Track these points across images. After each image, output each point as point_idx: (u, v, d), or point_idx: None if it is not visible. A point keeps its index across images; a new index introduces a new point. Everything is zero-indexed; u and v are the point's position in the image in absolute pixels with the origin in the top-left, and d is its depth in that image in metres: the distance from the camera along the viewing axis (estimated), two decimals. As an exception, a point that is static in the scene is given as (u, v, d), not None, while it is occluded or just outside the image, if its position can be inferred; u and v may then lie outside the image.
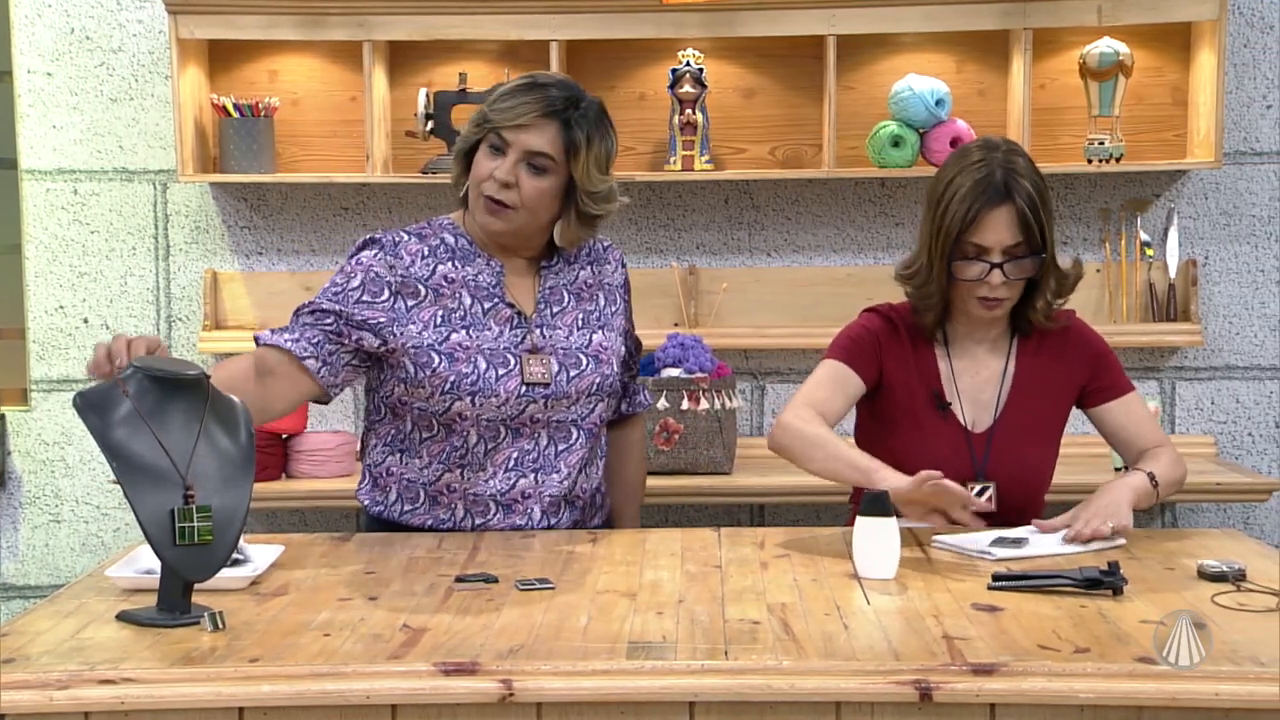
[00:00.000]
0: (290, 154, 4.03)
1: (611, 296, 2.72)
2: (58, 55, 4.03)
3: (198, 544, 2.02)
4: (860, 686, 1.80)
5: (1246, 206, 3.99)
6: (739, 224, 4.08)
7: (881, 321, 2.72)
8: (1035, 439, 2.69)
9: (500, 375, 2.55)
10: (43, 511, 4.13)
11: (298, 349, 2.51)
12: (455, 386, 2.53)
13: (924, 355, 2.70)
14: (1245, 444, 4.04)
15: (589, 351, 2.63)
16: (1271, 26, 3.94)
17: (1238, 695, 1.77)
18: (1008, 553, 2.37)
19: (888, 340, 2.70)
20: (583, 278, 2.69)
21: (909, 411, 2.67)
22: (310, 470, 3.81)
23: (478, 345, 2.56)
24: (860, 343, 2.69)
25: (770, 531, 2.63)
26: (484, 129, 2.54)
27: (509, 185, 2.52)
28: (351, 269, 2.56)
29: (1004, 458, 2.66)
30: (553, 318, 2.63)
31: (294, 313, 2.58)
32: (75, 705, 1.80)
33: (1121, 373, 2.74)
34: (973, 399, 2.69)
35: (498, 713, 1.82)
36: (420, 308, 2.55)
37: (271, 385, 2.51)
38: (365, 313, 2.52)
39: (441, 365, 2.53)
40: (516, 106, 2.52)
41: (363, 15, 3.79)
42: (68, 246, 4.07)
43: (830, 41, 3.79)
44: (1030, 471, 2.68)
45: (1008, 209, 2.55)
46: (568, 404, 2.60)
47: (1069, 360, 2.71)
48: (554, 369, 2.59)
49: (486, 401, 2.54)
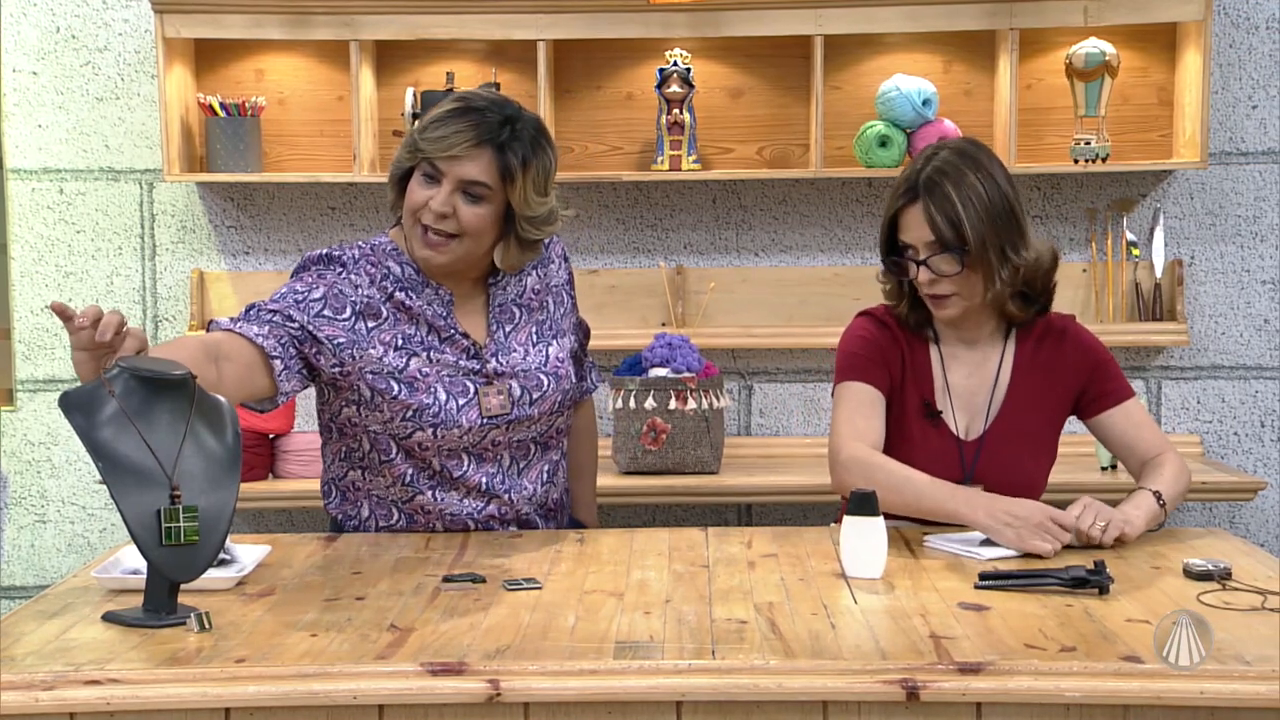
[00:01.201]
0: (277, 153, 4.03)
1: (559, 298, 2.69)
2: (43, 54, 4.02)
3: (184, 544, 2.01)
4: (847, 686, 1.80)
5: (1232, 206, 4.01)
6: (726, 224, 4.08)
7: (877, 328, 2.71)
8: (1028, 446, 2.67)
9: (461, 405, 2.51)
10: (29, 512, 4.11)
11: (267, 346, 2.38)
12: (417, 415, 2.49)
13: (919, 358, 2.69)
14: (1231, 443, 4.05)
15: (547, 370, 2.60)
16: (1257, 27, 3.96)
17: (1223, 694, 1.77)
18: (996, 552, 2.37)
19: (887, 346, 2.68)
20: (529, 285, 2.64)
21: (900, 418, 2.66)
22: (297, 470, 3.80)
23: (436, 373, 2.51)
24: (869, 357, 2.67)
25: (757, 531, 2.63)
26: (416, 157, 2.47)
27: (446, 215, 2.45)
28: (313, 279, 2.48)
29: (995, 463, 2.64)
30: (506, 339, 2.59)
31: (249, 309, 2.44)
32: (61, 706, 1.79)
33: (1121, 378, 2.71)
34: (965, 404, 2.68)
35: (485, 713, 1.82)
36: (380, 330, 2.49)
37: (226, 370, 2.32)
38: (326, 329, 2.44)
39: (402, 393, 2.48)
40: (449, 136, 2.43)
41: (349, 14, 3.79)
42: (53, 246, 4.06)
43: (817, 41, 3.79)
44: (1021, 478, 2.64)
45: (919, 207, 2.57)
46: (529, 425, 2.58)
47: (1065, 367, 2.69)
48: (515, 393, 2.55)
49: (448, 433, 2.51)
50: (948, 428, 2.66)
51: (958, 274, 2.57)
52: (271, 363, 2.39)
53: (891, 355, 2.68)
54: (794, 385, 4.08)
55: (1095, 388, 2.69)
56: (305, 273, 2.52)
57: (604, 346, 3.82)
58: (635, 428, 3.70)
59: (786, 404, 4.07)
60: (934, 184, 2.56)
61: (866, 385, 2.64)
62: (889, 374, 2.66)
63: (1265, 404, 4.04)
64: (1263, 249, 4.01)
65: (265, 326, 2.40)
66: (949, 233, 2.55)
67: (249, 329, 2.39)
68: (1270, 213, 4.00)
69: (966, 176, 2.56)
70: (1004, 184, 2.59)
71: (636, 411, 3.69)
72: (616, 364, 3.86)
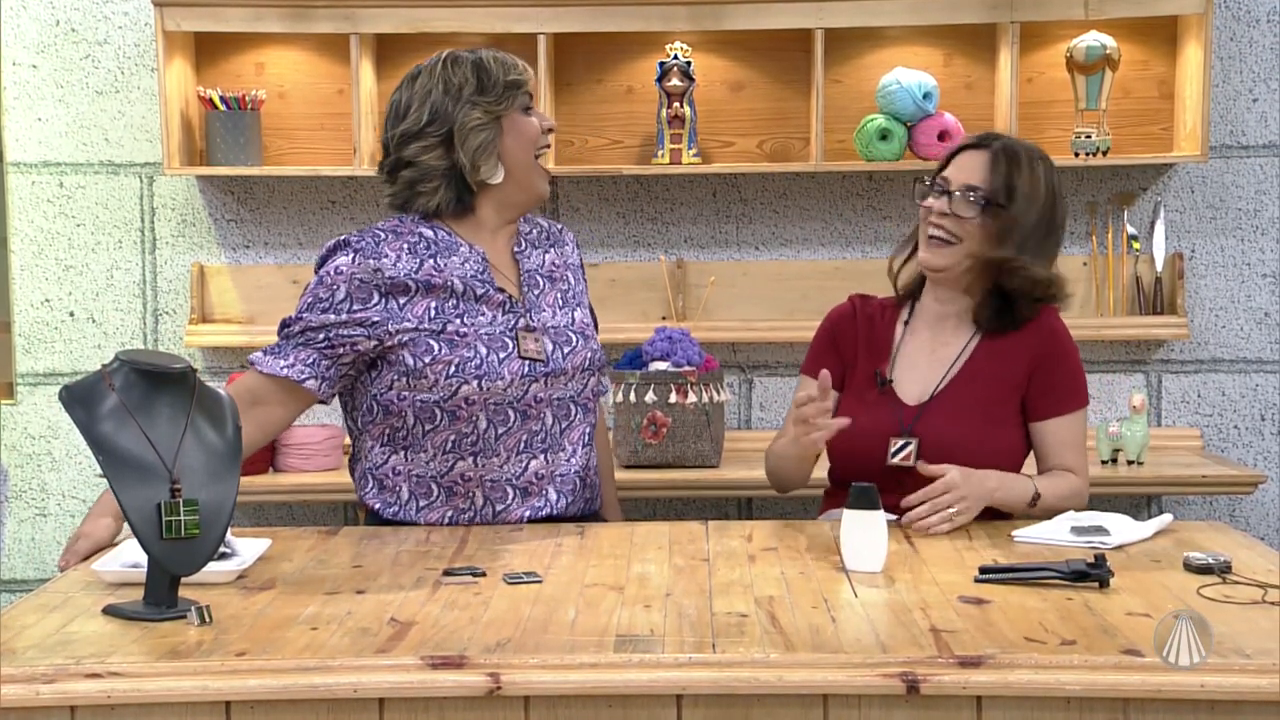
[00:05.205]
0: (277, 147, 4.02)
1: (577, 275, 2.80)
2: (43, 47, 4.01)
3: (184, 538, 2.02)
4: (847, 679, 1.80)
5: (1233, 200, 4.00)
6: (727, 217, 4.08)
7: (845, 309, 2.84)
8: (975, 416, 2.67)
9: (501, 358, 2.57)
10: (29, 505, 4.12)
11: (294, 374, 2.54)
12: (460, 370, 2.54)
13: (881, 338, 2.78)
14: (1231, 436, 4.05)
15: (575, 329, 2.69)
16: (1258, 20, 3.95)
17: (1223, 687, 1.77)
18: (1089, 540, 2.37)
19: (845, 326, 2.80)
20: (550, 260, 2.75)
21: (854, 391, 2.76)
22: (298, 464, 3.80)
23: (475, 331, 2.57)
24: (820, 349, 2.82)
25: (758, 525, 2.63)
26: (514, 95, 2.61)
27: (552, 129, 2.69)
28: (332, 280, 2.54)
29: (934, 423, 2.66)
30: (537, 299, 2.67)
31: (282, 330, 2.58)
32: (61, 699, 1.79)
33: (1078, 383, 2.71)
34: (919, 378, 2.73)
35: (485, 706, 1.82)
36: (412, 303, 2.56)
37: (263, 415, 2.56)
38: (359, 314, 2.53)
39: (443, 351, 2.55)
40: (517, 65, 2.64)
41: (350, 8, 3.79)
42: (53, 240, 4.06)
43: (818, 35, 3.79)
44: (963, 441, 2.63)
45: (985, 154, 2.68)
46: (565, 380, 2.63)
47: (1028, 346, 2.69)
48: (549, 348, 2.62)
49: (493, 385, 2.55)
50: (894, 394, 2.71)
51: (970, 220, 2.64)
52: (305, 385, 2.55)
53: (848, 336, 2.79)
54: (794, 379, 4.07)
55: (1044, 386, 2.69)
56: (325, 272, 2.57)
57: (604, 340, 3.78)
58: (635, 421, 3.70)
59: (787, 398, 4.07)
60: (1012, 150, 2.69)
61: (811, 380, 2.73)
62: (840, 358, 2.78)
63: (1265, 397, 4.04)
64: (1263, 242, 4.01)
65: (291, 354, 2.55)
66: (999, 186, 2.64)
67: (274, 365, 2.56)
68: (1271, 206, 4.00)
69: (1039, 164, 2.70)
70: (1058, 201, 2.71)
71: (637, 405, 3.69)
72: (617, 358, 3.86)
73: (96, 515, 2.46)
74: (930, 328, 2.77)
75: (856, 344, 2.78)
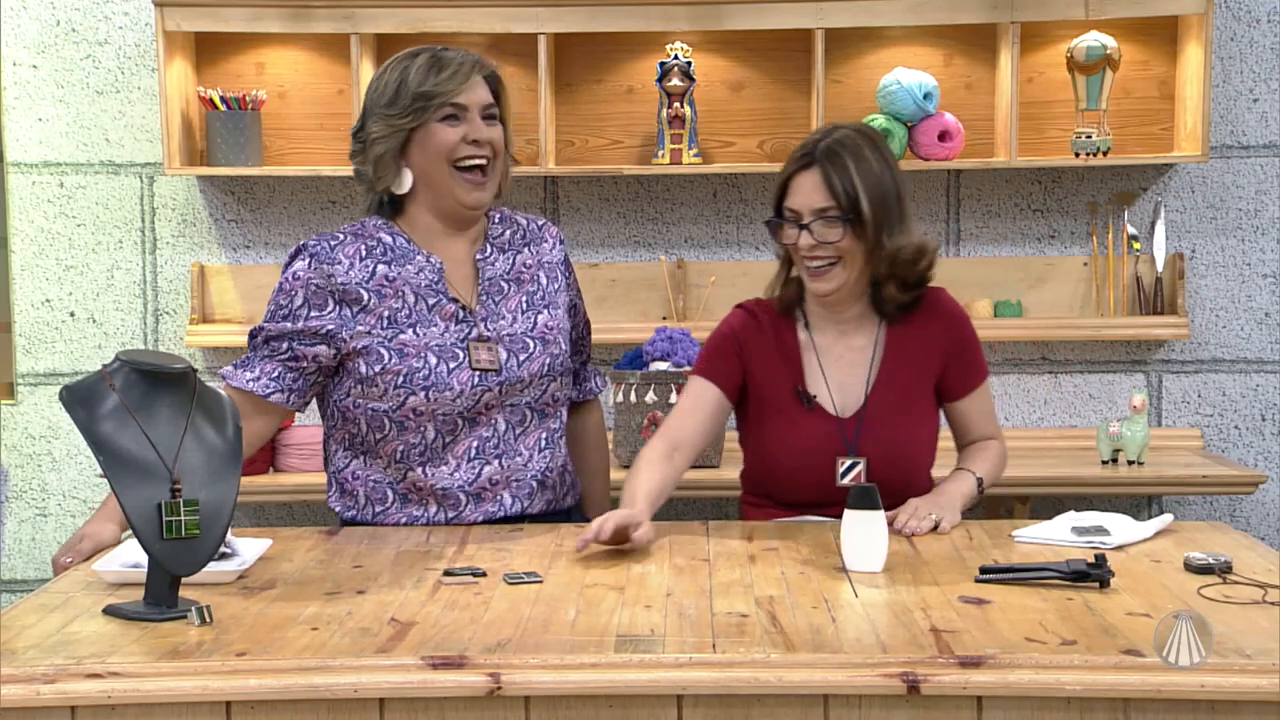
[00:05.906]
0: (277, 147, 4.02)
1: (553, 274, 2.72)
2: (43, 48, 4.01)
3: (185, 538, 2.02)
4: (848, 679, 1.80)
5: (1233, 200, 4.00)
6: (727, 217, 4.08)
7: (744, 318, 2.77)
8: (907, 416, 2.70)
9: (451, 368, 2.55)
10: (29, 505, 4.12)
11: (259, 388, 2.55)
12: (408, 380, 2.53)
13: (788, 346, 2.73)
14: (1231, 436, 4.05)
15: (535, 335, 2.64)
16: (1258, 20, 3.95)
17: (1223, 687, 1.77)
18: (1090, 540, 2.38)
19: (750, 336, 2.74)
20: (520, 261, 2.69)
21: (776, 408, 2.71)
22: (298, 464, 3.80)
23: (425, 343, 2.55)
24: (719, 350, 2.75)
25: (758, 525, 2.63)
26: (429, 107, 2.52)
27: (481, 141, 2.55)
28: (291, 286, 2.55)
29: (876, 436, 2.67)
30: (496, 306, 2.63)
31: (250, 339, 2.59)
32: (62, 699, 1.79)
33: (979, 357, 2.78)
34: (840, 385, 2.71)
35: (486, 706, 1.82)
36: (365, 313, 2.55)
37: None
38: (315, 323, 2.53)
39: (392, 361, 2.53)
40: (455, 73, 2.53)
41: (349, 8, 3.79)
42: (54, 240, 4.06)
43: (818, 35, 3.79)
44: (904, 448, 2.68)
45: (815, 171, 2.63)
46: (520, 388, 2.61)
47: (935, 336, 2.72)
48: (503, 357, 2.59)
49: (440, 396, 2.53)
50: (823, 409, 2.69)
51: (840, 242, 2.61)
52: (270, 399, 2.56)
53: (756, 348, 2.73)
54: (794, 379, 4.08)
55: (959, 368, 2.74)
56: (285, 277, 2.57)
57: (604, 340, 3.82)
58: (636, 421, 3.70)
59: (787, 398, 4.07)
60: (834, 153, 2.64)
61: (707, 383, 2.72)
62: (743, 370, 2.73)
63: (1266, 397, 4.04)
64: (1263, 242, 4.01)
65: (257, 366, 2.57)
66: (843, 199, 2.61)
67: (241, 378, 2.56)
68: (1271, 206, 4.00)
69: (864, 152, 2.65)
70: (894, 169, 2.69)
71: (637, 405, 3.69)
72: (617, 358, 3.86)
73: (102, 519, 2.46)
74: (835, 326, 2.73)
75: (766, 355, 2.73)
